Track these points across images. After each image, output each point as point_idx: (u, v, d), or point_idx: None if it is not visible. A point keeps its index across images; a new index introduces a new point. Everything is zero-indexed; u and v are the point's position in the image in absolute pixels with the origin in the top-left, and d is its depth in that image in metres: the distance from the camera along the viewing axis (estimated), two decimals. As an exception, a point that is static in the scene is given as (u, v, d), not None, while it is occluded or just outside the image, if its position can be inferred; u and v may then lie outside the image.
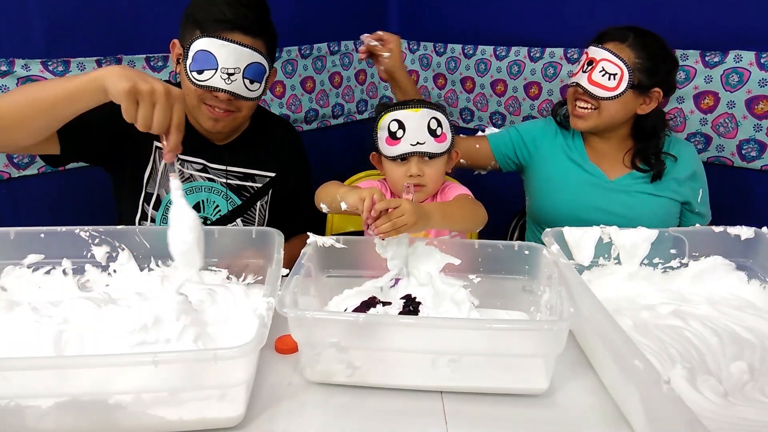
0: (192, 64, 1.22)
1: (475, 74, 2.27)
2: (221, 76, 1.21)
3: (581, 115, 1.48)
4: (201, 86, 1.22)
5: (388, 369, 0.91)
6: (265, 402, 0.88)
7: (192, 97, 1.27)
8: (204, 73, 1.22)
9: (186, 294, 0.99)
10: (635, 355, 0.76)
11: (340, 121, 2.42)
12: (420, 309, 1.03)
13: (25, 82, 1.59)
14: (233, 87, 1.23)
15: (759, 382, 0.89)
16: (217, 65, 1.21)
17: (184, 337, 0.89)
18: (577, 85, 1.45)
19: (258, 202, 1.45)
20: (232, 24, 1.21)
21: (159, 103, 0.95)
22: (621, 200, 1.53)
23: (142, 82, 0.94)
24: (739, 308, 1.09)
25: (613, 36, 1.43)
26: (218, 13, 1.20)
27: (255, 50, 1.23)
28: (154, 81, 0.95)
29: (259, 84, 1.27)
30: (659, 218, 1.51)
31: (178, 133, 0.99)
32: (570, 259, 1.14)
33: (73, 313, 0.94)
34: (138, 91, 0.93)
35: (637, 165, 1.52)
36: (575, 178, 1.57)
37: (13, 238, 1.11)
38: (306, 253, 1.05)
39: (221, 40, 1.20)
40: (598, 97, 1.43)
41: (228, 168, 1.40)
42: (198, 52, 1.21)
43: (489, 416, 0.87)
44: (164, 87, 0.95)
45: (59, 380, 0.76)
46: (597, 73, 1.41)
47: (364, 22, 2.38)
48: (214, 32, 1.20)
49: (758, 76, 1.63)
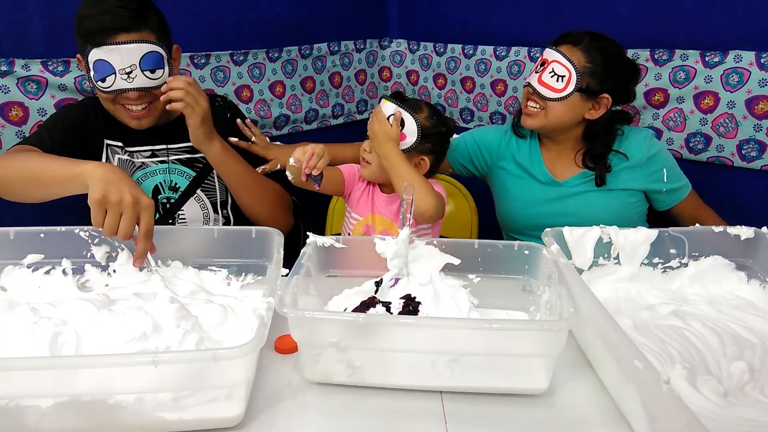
0: (94, 74, 1.30)
1: (475, 74, 2.27)
2: (121, 77, 1.29)
3: (530, 114, 1.51)
4: (108, 92, 1.31)
5: (388, 369, 0.91)
6: (264, 402, 0.88)
7: (107, 104, 1.37)
8: (107, 80, 1.30)
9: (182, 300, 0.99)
10: (635, 355, 0.76)
11: (340, 121, 2.42)
12: (420, 309, 1.03)
13: (25, 82, 1.60)
14: (136, 83, 1.31)
15: (759, 382, 0.89)
16: (114, 69, 1.29)
17: (185, 344, 0.88)
18: (528, 84, 1.48)
19: (214, 170, 1.51)
20: (113, 29, 1.27)
21: (125, 213, 1.02)
22: (573, 201, 1.55)
23: (114, 190, 1.01)
24: (739, 308, 1.09)
25: (568, 39, 1.45)
26: (97, 24, 1.27)
27: (144, 41, 1.29)
28: (126, 191, 1.02)
29: (161, 69, 1.33)
30: (614, 212, 1.52)
31: (146, 240, 1.05)
32: (569, 259, 1.14)
33: (72, 315, 0.94)
34: (107, 201, 1.01)
35: (587, 164, 1.54)
36: (528, 187, 1.60)
37: (13, 237, 1.11)
38: (306, 253, 1.05)
39: (109, 46, 1.27)
40: (545, 98, 1.45)
41: (174, 146, 1.48)
42: (95, 62, 1.29)
43: (489, 416, 0.87)
44: (133, 198, 1.02)
45: (59, 380, 0.76)
46: (547, 74, 1.44)
47: (364, 22, 2.39)
48: (101, 41, 1.27)
49: (758, 76, 1.63)
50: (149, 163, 1.49)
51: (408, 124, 1.39)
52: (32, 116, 1.63)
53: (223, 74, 1.98)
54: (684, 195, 1.58)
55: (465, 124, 2.37)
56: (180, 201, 1.51)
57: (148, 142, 1.47)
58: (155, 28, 1.33)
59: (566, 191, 1.56)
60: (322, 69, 2.29)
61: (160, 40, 1.33)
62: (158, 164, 1.49)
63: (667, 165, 1.55)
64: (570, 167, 1.57)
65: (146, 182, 1.49)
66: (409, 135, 1.39)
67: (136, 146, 1.47)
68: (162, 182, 1.50)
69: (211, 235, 1.16)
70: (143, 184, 1.48)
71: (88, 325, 0.92)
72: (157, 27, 1.33)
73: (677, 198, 1.58)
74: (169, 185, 1.51)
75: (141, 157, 1.48)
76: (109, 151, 1.47)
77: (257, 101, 2.09)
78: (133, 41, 1.28)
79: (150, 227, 1.05)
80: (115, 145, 1.47)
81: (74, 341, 0.87)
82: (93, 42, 1.27)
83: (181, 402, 0.79)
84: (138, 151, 1.47)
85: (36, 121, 1.64)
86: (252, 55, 2.04)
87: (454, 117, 2.40)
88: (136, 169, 1.48)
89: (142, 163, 1.48)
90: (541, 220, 1.51)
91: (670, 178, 1.56)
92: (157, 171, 1.50)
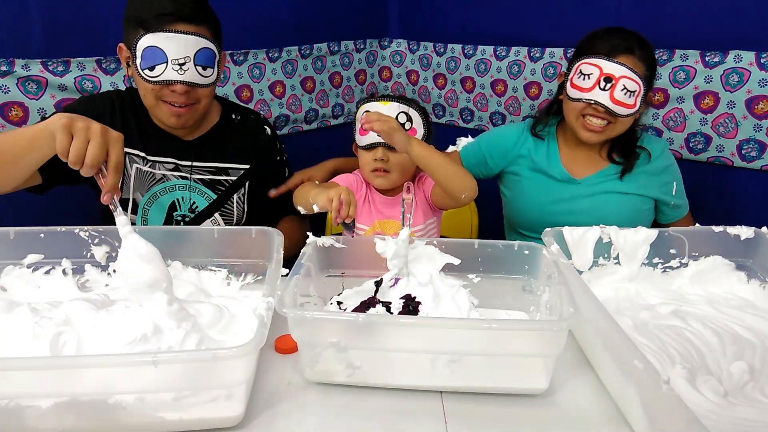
0: (142, 62, 1.23)
1: (475, 74, 2.27)
2: (173, 68, 1.23)
3: (595, 130, 1.44)
4: (155, 82, 1.24)
5: (388, 369, 0.91)
6: (264, 402, 0.88)
7: (150, 97, 1.29)
8: (155, 69, 1.23)
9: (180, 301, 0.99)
10: (635, 355, 0.76)
11: (340, 121, 2.42)
12: (420, 309, 1.03)
13: (25, 82, 1.60)
14: (187, 76, 1.24)
15: (759, 382, 0.89)
16: (166, 58, 1.22)
17: (186, 344, 0.88)
18: (596, 103, 1.40)
19: (234, 195, 1.46)
20: (174, 16, 1.22)
21: (93, 139, 0.93)
22: (588, 201, 1.54)
23: (80, 120, 0.94)
24: (739, 308, 1.09)
25: (622, 48, 1.39)
26: (158, 8, 1.21)
27: (201, 36, 1.25)
28: (93, 122, 0.95)
29: (212, 69, 1.29)
30: (627, 216, 1.51)
31: (116, 173, 0.96)
32: (569, 259, 1.14)
33: (73, 315, 0.94)
34: (73, 125, 0.93)
35: (614, 158, 1.53)
36: (543, 185, 1.58)
37: (12, 237, 1.10)
38: (306, 253, 1.05)
39: (166, 33, 1.21)
40: (618, 115, 1.40)
41: (199, 164, 1.42)
42: (146, 49, 1.22)
43: (489, 416, 0.87)
44: (101, 126, 0.95)
45: (59, 381, 0.76)
46: (619, 91, 1.37)
47: (364, 22, 2.39)
48: (157, 27, 1.21)
49: (758, 76, 1.63)
50: (170, 177, 1.40)
51: (415, 119, 1.38)
52: (32, 116, 1.63)
53: (223, 74, 1.98)
54: (684, 213, 1.59)
55: (465, 124, 2.37)
56: (196, 221, 1.44)
57: (173, 154, 1.39)
58: (212, 26, 1.29)
59: (582, 190, 1.55)
60: (322, 69, 2.29)
61: (214, 38, 1.29)
62: (178, 179, 1.41)
63: (677, 179, 1.56)
64: (591, 164, 1.56)
65: (164, 197, 1.41)
66: (418, 128, 1.39)
67: (159, 156, 1.39)
68: (180, 199, 1.42)
69: (211, 235, 1.16)
70: (161, 198, 1.41)
71: (89, 325, 0.92)
72: (213, 26, 1.30)
73: (679, 214, 1.59)
74: (189, 206, 1.43)
75: (163, 168, 1.39)
76: (126, 160, 1.37)
77: (257, 101, 2.09)
78: (191, 33, 1.23)
79: (120, 159, 0.96)
80: (134, 154, 1.38)
81: (75, 341, 0.87)
82: (148, 27, 1.21)
83: (181, 402, 0.79)
84: (161, 162, 1.39)
85: (36, 121, 1.64)
86: (252, 55, 2.04)
87: (454, 117, 2.40)
88: (155, 183, 1.39)
89: (163, 175, 1.40)
90: (554, 219, 1.49)
91: (678, 192, 1.56)
92: (177, 186, 1.41)
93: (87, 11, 1.66)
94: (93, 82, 1.70)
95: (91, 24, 1.67)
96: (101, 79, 1.71)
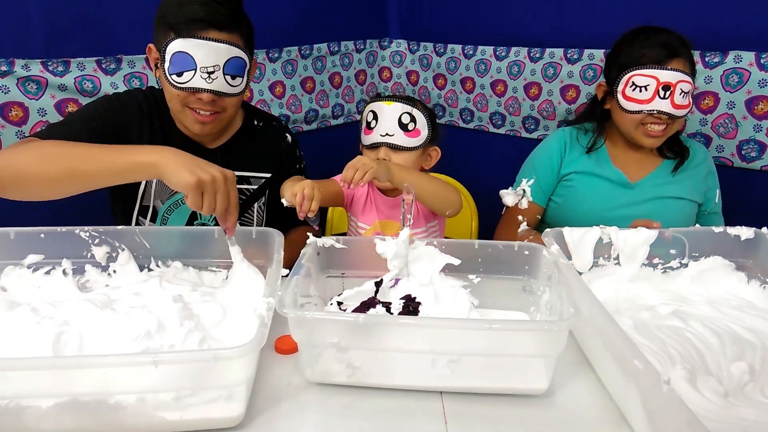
0: (170, 67, 1.20)
1: (475, 74, 2.27)
2: (201, 76, 1.20)
3: (659, 135, 1.46)
4: (182, 88, 1.21)
5: (388, 369, 0.91)
6: (265, 402, 0.88)
7: (175, 102, 1.26)
8: (183, 75, 1.20)
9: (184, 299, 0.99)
10: (635, 356, 0.76)
11: (340, 122, 2.42)
12: (420, 309, 1.03)
13: (25, 82, 1.60)
14: (215, 85, 1.21)
15: (759, 382, 0.89)
16: (195, 65, 1.19)
17: (188, 343, 0.88)
18: (659, 112, 1.41)
19: (255, 204, 1.45)
20: (206, 22, 1.18)
21: (220, 191, 1.00)
22: (644, 207, 1.53)
23: (202, 172, 0.98)
24: (739, 308, 1.09)
25: (668, 53, 1.40)
26: (191, 13, 1.18)
27: (233, 45, 1.21)
28: (211, 168, 1.00)
29: (241, 78, 1.25)
30: (682, 221, 1.52)
31: (236, 212, 1.05)
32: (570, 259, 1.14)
33: (74, 315, 0.94)
34: (202, 182, 0.98)
35: (666, 154, 1.55)
36: (598, 190, 1.57)
37: (13, 238, 1.11)
38: (306, 253, 1.05)
39: (197, 39, 1.18)
40: (679, 117, 1.43)
41: None
42: (175, 54, 1.18)
43: (489, 416, 0.87)
44: (222, 174, 1.00)
45: (59, 381, 0.76)
46: (678, 96, 1.39)
47: (364, 23, 2.39)
48: (188, 33, 1.18)
49: (758, 76, 1.64)
50: None
51: (419, 119, 1.38)
52: (32, 116, 1.63)
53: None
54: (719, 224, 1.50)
55: (465, 125, 2.37)
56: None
57: None
58: (245, 34, 1.26)
59: (637, 196, 1.54)
60: (322, 69, 2.29)
61: (246, 46, 1.26)
62: None
63: (718, 187, 1.58)
64: (644, 164, 1.56)
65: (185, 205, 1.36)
66: (422, 129, 1.39)
67: None
68: None
69: (211, 235, 1.16)
70: (182, 207, 1.39)
71: (91, 325, 0.92)
72: (246, 34, 1.27)
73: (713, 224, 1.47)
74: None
75: None
76: None
77: (257, 101, 2.09)
78: (223, 41, 1.19)
79: (237, 198, 1.05)
80: None
81: (77, 341, 0.88)
82: (179, 32, 1.18)
83: (182, 402, 0.79)
84: None
85: (36, 121, 1.64)
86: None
87: (454, 117, 2.40)
88: (175, 191, 1.35)
89: None
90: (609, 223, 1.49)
91: (719, 201, 1.58)
92: None
93: (87, 11, 1.66)
94: (93, 83, 1.70)
95: (91, 24, 1.67)
96: (101, 80, 1.71)
